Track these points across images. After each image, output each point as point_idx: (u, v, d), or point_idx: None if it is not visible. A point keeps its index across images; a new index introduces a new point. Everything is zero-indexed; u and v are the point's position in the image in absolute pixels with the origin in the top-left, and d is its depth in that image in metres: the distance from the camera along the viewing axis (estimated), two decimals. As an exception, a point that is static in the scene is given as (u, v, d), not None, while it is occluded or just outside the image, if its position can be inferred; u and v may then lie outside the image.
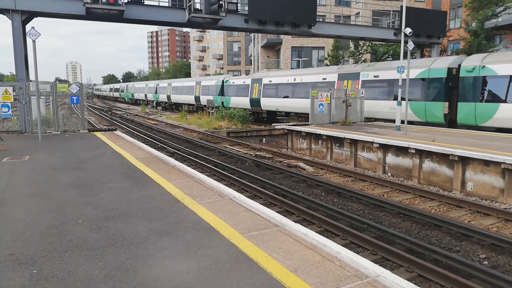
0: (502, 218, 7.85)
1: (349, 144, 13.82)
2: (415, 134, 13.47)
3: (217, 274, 3.49)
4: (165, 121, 30.84)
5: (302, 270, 3.56)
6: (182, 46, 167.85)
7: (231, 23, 17.61)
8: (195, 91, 38.83)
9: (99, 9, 14.74)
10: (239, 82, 30.98)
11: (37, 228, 4.65)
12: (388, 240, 6.55)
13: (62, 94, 14.40)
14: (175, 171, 7.94)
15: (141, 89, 60.19)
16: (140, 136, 20.27)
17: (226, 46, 75.31)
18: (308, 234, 4.43)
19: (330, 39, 32.49)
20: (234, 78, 33.65)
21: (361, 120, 18.40)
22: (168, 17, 16.74)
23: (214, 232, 4.50)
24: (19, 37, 14.30)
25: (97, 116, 37.52)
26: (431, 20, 21.01)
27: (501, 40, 27.06)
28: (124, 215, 5.13)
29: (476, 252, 6.35)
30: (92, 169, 8.09)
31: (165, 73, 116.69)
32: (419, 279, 5.33)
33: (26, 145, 11.61)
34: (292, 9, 17.72)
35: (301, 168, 12.87)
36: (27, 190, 6.40)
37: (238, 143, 17.85)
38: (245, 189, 9.76)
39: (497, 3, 22.98)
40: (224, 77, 34.71)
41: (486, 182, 9.59)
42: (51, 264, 3.71)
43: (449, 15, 30.21)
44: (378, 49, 29.53)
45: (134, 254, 3.93)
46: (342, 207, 8.70)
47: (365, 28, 21.54)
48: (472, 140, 11.82)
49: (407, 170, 11.66)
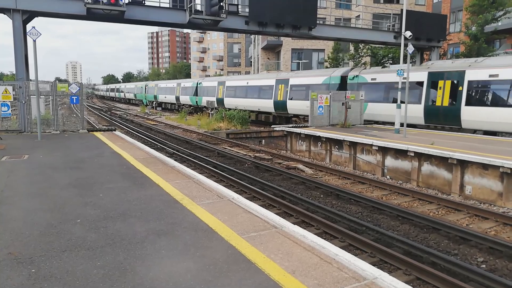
0: (500, 222, 7.86)
1: (348, 147, 13.84)
2: (414, 137, 13.49)
3: (215, 275, 3.49)
4: (165, 122, 30.86)
5: (300, 271, 3.56)
6: (182, 47, 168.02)
7: (231, 25, 17.63)
8: (175, 92, 43.77)
9: (100, 9, 14.75)
10: (208, 84, 36.26)
11: (36, 228, 4.65)
12: (386, 242, 6.56)
13: (61, 94, 14.41)
14: (174, 171, 7.95)
15: (131, 89, 67.49)
16: (139, 137, 20.28)
17: (227, 48, 75.29)
18: (306, 236, 4.44)
19: (330, 42, 32.57)
20: (205, 81, 38.25)
21: (360, 123, 18.42)
22: (169, 18, 16.75)
23: (213, 233, 4.50)
24: (19, 36, 14.31)
25: (96, 116, 37.51)
26: (431, 24, 21.03)
27: (500, 44, 27.15)
28: (122, 215, 5.13)
29: (474, 255, 6.36)
30: (91, 169, 8.09)
31: (165, 74, 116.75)
32: (417, 282, 5.34)
33: (25, 144, 11.61)
34: (292, 11, 17.75)
35: (300, 170, 12.88)
36: (26, 190, 6.40)
37: (238, 144, 17.87)
38: (244, 191, 9.77)
39: (497, 7, 23.05)
40: (198, 80, 39.85)
41: (484, 186, 9.60)
42: (49, 264, 3.71)
43: (449, 18, 30.29)
44: (378, 52, 29.59)
45: (133, 254, 3.94)
46: (340, 209, 8.71)
47: (365, 31, 21.57)
48: (471, 144, 11.85)
49: (406, 173, 11.68)
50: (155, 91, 51.60)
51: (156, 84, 53.06)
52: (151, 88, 53.98)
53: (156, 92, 51.12)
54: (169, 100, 46.46)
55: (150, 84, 56.71)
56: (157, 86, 51.83)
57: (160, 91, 49.78)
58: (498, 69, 14.66)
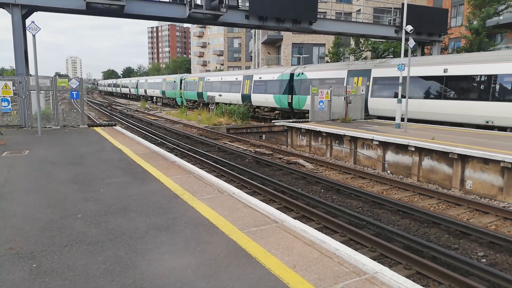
0: (501, 216, 7.87)
1: (348, 141, 13.83)
2: (415, 132, 13.47)
3: (216, 270, 3.50)
4: (165, 117, 30.83)
5: (300, 266, 3.57)
6: (182, 41, 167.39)
7: (231, 19, 17.56)
8: (162, 86, 48.39)
9: (99, 4, 14.69)
10: (190, 80, 40.89)
11: (37, 223, 4.66)
12: (386, 237, 6.57)
13: (62, 89, 14.39)
14: (175, 166, 7.95)
15: (126, 84, 71.30)
16: (139, 132, 20.27)
17: (227, 42, 74.97)
18: (307, 231, 4.44)
19: (331, 36, 32.41)
20: (189, 77, 42.88)
21: (361, 117, 18.39)
22: (169, 12, 16.69)
23: (213, 228, 4.51)
24: (19, 31, 14.26)
25: (96, 111, 37.47)
26: (432, 18, 20.94)
27: (502, 38, 27.00)
28: (123, 210, 5.14)
29: (475, 250, 6.37)
30: (92, 164, 8.09)
31: (165, 68, 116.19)
32: (417, 276, 5.35)
33: (25, 139, 11.61)
34: (293, 6, 17.67)
35: (301, 165, 12.88)
36: (27, 185, 6.41)
37: (238, 140, 17.85)
38: (245, 185, 9.77)
39: (499, 1, 22.89)
40: (182, 75, 45.09)
41: (485, 180, 9.60)
42: (50, 258, 3.72)
43: (451, 13, 30.12)
44: (378, 47, 29.46)
45: (133, 249, 3.94)
46: (341, 204, 8.71)
47: (366, 25, 21.48)
48: (472, 139, 11.83)
49: (407, 167, 11.67)
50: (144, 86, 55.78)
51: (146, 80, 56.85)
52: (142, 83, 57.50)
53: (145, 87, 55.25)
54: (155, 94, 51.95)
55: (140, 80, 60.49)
56: (147, 81, 55.90)
57: (148, 86, 54.02)
58: (262, 74, 23.09)
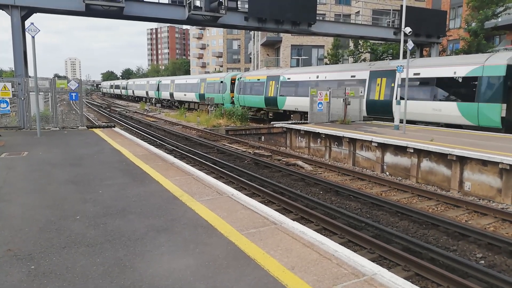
0: (499, 218, 7.88)
1: (347, 143, 13.84)
2: (413, 134, 13.49)
3: (214, 271, 3.50)
4: (164, 118, 30.80)
5: (299, 267, 3.57)
6: (181, 43, 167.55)
7: (231, 21, 17.59)
8: (146, 87, 55.32)
9: (98, 5, 14.70)
10: (164, 82, 48.33)
11: (35, 224, 4.65)
12: (385, 239, 6.57)
13: (61, 91, 14.38)
14: (174, 168, 7.95)
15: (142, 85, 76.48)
16: (139, 133, 20.25)
17: (226, 44, 75.07)
18: (305, 232, 4.45)
19: (330, 38, 32.46)
20: (163, 80, 50.36)
21: (360, 119, 18.41)
22: (168, 14, 16.70)
23: (212, 230, 4.51)
24: (18, 33, 14.26)
25: (95, 113, 37.45)
26: (431, 20, 21.00)
27: (500, 40, 27.09)
28: (122, 211, 5.14)
29: (473, 251, 6.37)
30: (91, 165, 8.09)
31: (164, 70, 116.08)
32: (416, 278, 5.35)
33: (24, 141, 11.60)
34: (292, 7, 17.70)
35: (300, 167, 12.89)
36: (25, 186, 6.40)
37: (237, 141, 17.85)
38: (244, 187, 9.77)
39: (498, 3, 22.97)
40: (159, 79, 52.72)
41: (483, 182, 9.62)
42: (49, 260, 3.71)
43: (449, 14, 30.20)
44: (377, 48, 29.53)
45: (132, 250, 3.94)
46: (340, 205, 8.72)
47: (365, 27, 21.53)
48: (471, 140, 11.85)
49: (405, 169, 11.68)
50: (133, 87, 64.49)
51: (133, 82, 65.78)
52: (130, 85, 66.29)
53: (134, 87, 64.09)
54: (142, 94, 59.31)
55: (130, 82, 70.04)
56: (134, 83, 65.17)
57: (136, 87, 62.04)
58: None
